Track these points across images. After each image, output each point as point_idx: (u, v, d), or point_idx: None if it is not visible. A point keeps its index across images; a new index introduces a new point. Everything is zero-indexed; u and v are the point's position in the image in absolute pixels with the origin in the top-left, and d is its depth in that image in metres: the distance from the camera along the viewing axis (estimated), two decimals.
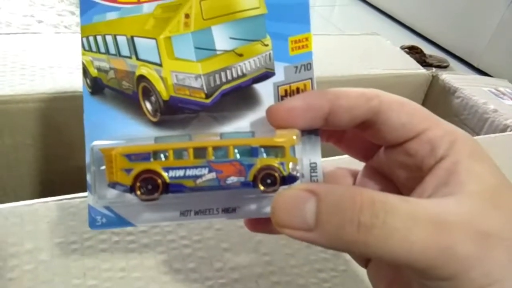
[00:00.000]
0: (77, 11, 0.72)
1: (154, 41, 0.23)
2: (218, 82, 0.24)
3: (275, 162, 0.22)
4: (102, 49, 0.25)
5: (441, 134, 0.22)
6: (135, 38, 0.24)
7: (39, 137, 0.44)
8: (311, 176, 0.23)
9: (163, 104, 0.24)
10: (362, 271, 0.33)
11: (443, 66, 0.85)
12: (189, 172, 0.22)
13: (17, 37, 0.53)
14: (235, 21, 0.23)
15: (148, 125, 0.24)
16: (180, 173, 0.22)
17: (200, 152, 0.22)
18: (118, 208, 0.24)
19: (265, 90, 0.24)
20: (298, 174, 0.23)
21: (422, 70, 0.67)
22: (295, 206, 0.19)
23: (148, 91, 0.24)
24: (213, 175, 0.22)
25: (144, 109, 0.24)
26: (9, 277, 0.30)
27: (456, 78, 0.66)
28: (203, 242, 0.34)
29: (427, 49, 0.85)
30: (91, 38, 0.24)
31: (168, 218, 0.24)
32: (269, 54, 0.24)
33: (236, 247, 0.34)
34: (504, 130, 0.56)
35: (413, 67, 0.67)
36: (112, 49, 0.24)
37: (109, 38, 0.24)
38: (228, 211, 0.24)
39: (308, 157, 0.24)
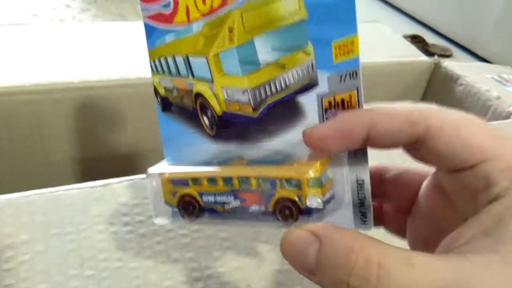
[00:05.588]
0: (73, 4, 0.71)
1: (205, 58, 0.24)
2: (263, 96, 0.24)
3: (292, 195, 0.22)
4: (166, 70, 0.27)
5: (501, 168, 0.19)
6: (190, 57, 0.25)
7: (36, 129, 0.43)
8: (358, 194, 0.22)
9: (217, 119, 0.25)
10: None
11: (447, 55, 0.84)
12: (218, 198, 0.24)
13: (10, 28, 0.53)
14: (276, 30, 0.23)
15: (207, 138, 0.26)
16: (211, 198, 0.24)
17: (227, 180, 0.23)
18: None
19: (308, 102, 0.23)
20: (319, 206, 0.21)
21: (424, 58, 0.66)
22: (299, 249, 0.19)
23: (205, 107, 0.26)
24: (237, 202, 0.23)
25: (203, 123, 0.26)
26: (5, 268, 0.29)
27: (458, 65, 0.65)
28: (201, 231, 0.34)
29: (430, 38, 0.83)
30: (157, 61, 0.27)
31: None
32: (312, 63, 0.22)
33: (235, 236, 0.34)
34: (507, 117, 0.56)
35: (415, 55, 0.67)
36: (173, 69, 0.26)
37: (170, 60, 0.26)
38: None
39: (355, 174, 0.22)
